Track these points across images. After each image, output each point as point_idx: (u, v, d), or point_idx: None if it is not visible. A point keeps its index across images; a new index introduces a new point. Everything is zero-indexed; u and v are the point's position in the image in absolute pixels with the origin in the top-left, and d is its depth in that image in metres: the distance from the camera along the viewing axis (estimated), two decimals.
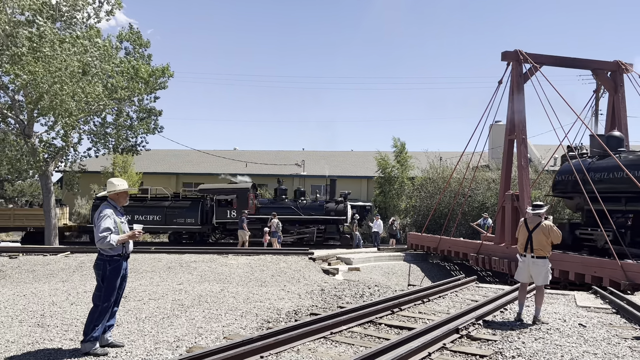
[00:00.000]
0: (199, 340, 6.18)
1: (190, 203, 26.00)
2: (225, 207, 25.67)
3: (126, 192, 6.03)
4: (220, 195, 26.23)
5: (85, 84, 19.73)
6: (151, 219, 25.05)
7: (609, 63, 17.52)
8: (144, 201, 26.43)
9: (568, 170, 15.84)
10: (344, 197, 26.49)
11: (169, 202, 26.02)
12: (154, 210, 25.36)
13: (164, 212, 25.27)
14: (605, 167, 14.39)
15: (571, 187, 15.68)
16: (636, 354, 5.88)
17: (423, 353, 5.55)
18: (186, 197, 27.78)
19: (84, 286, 9.99)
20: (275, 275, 11.91)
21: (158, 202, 26.29)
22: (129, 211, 25.58)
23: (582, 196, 14.33)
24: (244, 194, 25.85)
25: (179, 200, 26.40)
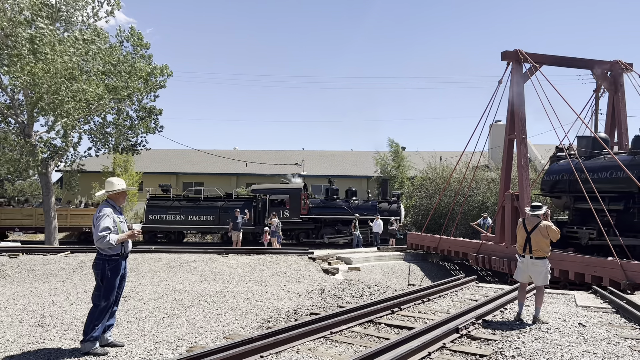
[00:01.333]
0: (199, 339, 6.19)
1: (243, 203, 26.03)
2: (277, 207, 25.64)
3: (125, 191, 6.03)
4: (273, 195, 26.25)
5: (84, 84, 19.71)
6: (205, 219, 25.17)
7: (609, 63, 17.51)
8: (197, 201, 26.53)
9: (556, 170, 16.40)
10: (397, 197, 26.33)
11: (222, 203, 26.15)
12: (207, 210, 25.47)
13: (218, 212, 25.33)
14: (591, 168, 14.70)
15: (558, 187, 16.13)
16: (636, 353, 5.88)
17: (423, 353, 5.55)
18: (238, 197, 27.84)
19: (83, 286, 9.99)
20: (275, 275, 11.92)
21: (211, 202, 26.42)
22: (183, 211, 25.93)
23: (569, 195, 14.93)
24: (296, 194, 25.87)
25: (231, 200, 26.52)
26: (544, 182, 17.10)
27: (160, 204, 26.70)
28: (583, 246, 14.67)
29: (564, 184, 15.74)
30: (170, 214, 25.78)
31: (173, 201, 26.82)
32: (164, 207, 26.37)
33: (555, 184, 16.42)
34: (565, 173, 15.74)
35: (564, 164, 16.15)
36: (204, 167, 41.75)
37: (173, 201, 26.82)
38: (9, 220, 26.77)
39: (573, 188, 15.19)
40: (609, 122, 17.68)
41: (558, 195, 16.13)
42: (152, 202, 27.09)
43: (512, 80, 16.87)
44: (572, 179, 15.16)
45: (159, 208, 26.40)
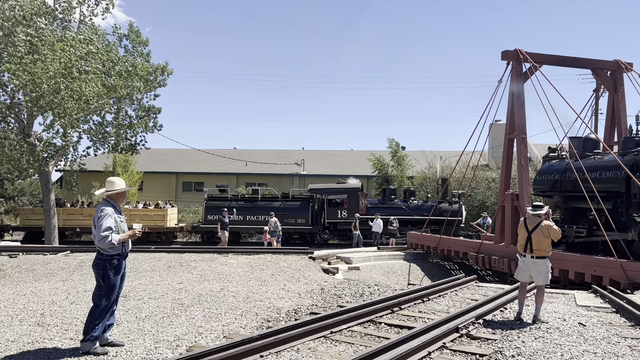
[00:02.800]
0: (199, 339, 6.19)
1: (300, 203, 26.02)
2: (336, 207, 25.58)
3: (125, 191, 6.03)
4: (331, 195, 26.13)
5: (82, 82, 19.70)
6: (262, 219, 25.04)
7: (608, 62, 17.50)
8: (255, 202, 26.55)
9: (547, 170, 16.70)
10: (458, 197, 25.86)
11: (279, 203, 26.16)
12: (265, 211, 25.37)
13: (275, 212, 25.21)
14: (581, 168, 14.88)
15: (550, 187, 16.36)
16: (636, 353, 5.88)
17: (423, 352, 5.55)
18: (294, 197, 27.72)
19: (83, 285, 9.98)
20: (275, 275, 11.92)
21: (269, 202, 26.46)
22: (241, 211, 25.90)
23: (560, 195, 15.28)
24: (354, 194, 25.77)
25: (288, 200, 26.47)
26: (536, 182, 17.37)
27: (218, 204, 26.71)
28: (570, 244, 15.07)
29: (555, 183, 16.10)
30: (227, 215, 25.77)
31: (231, 201, 26.85)
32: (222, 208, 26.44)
33: (546, 184, 16.65)
34: (556, 173, 16.16)
35: (555, 164, 16.68)
36: (204, 166, 41.77)
37: (231, 201, 26.85)
38: (71, 221, 26.63)
39: (564, 188, 15.64)
40: (609, 122, 17.67)
41: (550, 195, 16.30)
42: (210, 203, 27.14)
43: (512, 80, 16.86)
44: (563, 179, 15.68)
45: (217, 208, 26.37)
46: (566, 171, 15.65)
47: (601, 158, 14.94)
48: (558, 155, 17.19)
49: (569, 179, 15.38)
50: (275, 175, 40.23)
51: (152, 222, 26.35)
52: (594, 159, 14.87)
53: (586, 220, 14.95)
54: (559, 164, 16.52)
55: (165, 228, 27.00)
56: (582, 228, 14.68)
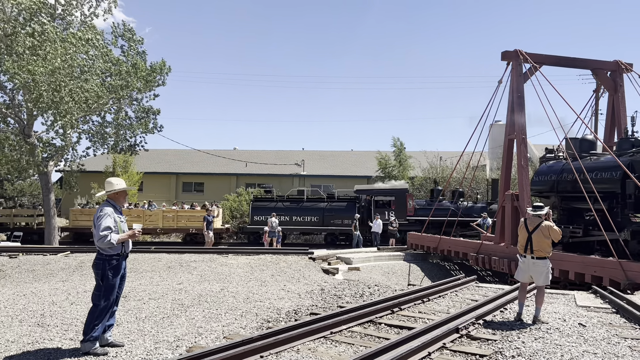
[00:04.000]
0: (199, 339, 6.19)
1: (346, 204, 25.76)
2: (383, 209, 25.28)
3: (125, 191, 6.03)
4: (378, 196, 25.84)
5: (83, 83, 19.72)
6: (308, 220, 24.97)
7: (608, 63, 17.50)
8: (301, 202, 26.43)
9: (544, 171, 16.85)
10: None
11: (325, 204, 25.95)
12: (311, 211, 25.29)
13: (322, 213, 25.06)
14: (577, 169, 15.06)
15: (547, 187, 16.47)
16: (636, 353, 5.88)
17: (423, 353, 5.55)
18: (339, 198, 27.50)
19: (83, 286, 9.98)
20: (275, 275, 11.92)
21: (314, 203, 26.29)
22: (287, 212, 25.75)
23: (557, 195, 15.45)
24: (402, 195, 25.60)
25: (334, 201, 26.26)
26: (533, 183, 17.49)
27: (265, 205, 26.67)
28: (566, 244, 15.24)
29: (551, 184, 16.23)
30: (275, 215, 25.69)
31: (277, 202, 26.80)
32: (269, 209, 26.30)
33: (543, 184, 16.73)
34: (553, 174, 16.34)
35: (552, 164, 16.90)
36: (204, 167, 41.77)
37: (277, 202, 26.80)
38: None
39: (560, 188, 15.82)
40: (609, 123, 17.67)
41: (547, 195, 16.37)
42: (256, 204, 27.12)
43: (512, 80, 16.87)
44: (560, 180, 15.87)
45: (263, 209, 26.33)
46: (563, 172, 15.90)
47: (597, 159, 15.06)
48: (555, 156, 17.43)
49: (565, 180, 15.63)
50: (276, 175, 40.24)
51: (199, 222, 25.98)
52: (590, 159, 14.89)
53: (582, 220, 15.15)
54: (556, 164, 16.73)
55: (218, 229, 26.67)
56: (578, 228, 14.86)
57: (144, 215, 26.34)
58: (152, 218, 26.44)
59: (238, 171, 40.84)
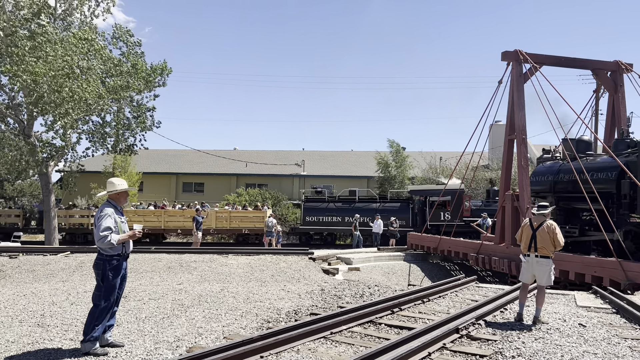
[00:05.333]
0: (199, 340, 6.19)
1: (400, 205, 25.59)
2: (438, 209, 24.97)
3: (126, 191, 6.04)
4: (434, 197, 25.47)
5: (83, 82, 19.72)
6: (361, 221, 24.60)
7: (608, 63, 17.50)
8: (353, 203, 26.30)
9: (541, 171, 16.96)
10: None
11: (378, 204, 25.78)
12: (363, 212, 25.02)
13: (374, 214, 24.75)
14: (572, 170, 15.19)
15: (544, 188, 16.57)
16: (636, 353, 5.88)
17: (423, 353, 5.55)
18: (392, 198, 27.24)
19: (84, 286, 9.99)
20: (275, 275, 11.92)
21: (367, 203, 26.16)
22: (338, 212, 25.55)
23: (554, 196, 15.55)
24: (458, 196, 25.51)
25: (387, 201, 26.08)
26: (530, 183, 17.42)
27: (317, 206, 26.59)
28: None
29: (548, 184, 16.35)
30: (327, 216, 25.61)
31: (329, 203, 26.71)
32: (321, 209, 26.24)
33: (540, 185, 16.80)
34: (550, 174, 16.47)
35: (549, 165, 17.05)
36: (204, 167, 41.79)
37: (329, 203, 26.71)
38: (172, 222, 26.42)
39: (557, 188, 15.97)
40: (609, 123, 17.67)
41: (543, 196, 16.42)
42: (308, 204, 27.06)
43: (512, 81, 16.87)
44: (556, 180, 16.04)
45: (315, 210, 26.25)
46: (560, 172, 16.08)
47: (594, 159, 15.14)
48: (552, 156, 17.59)
49: (562, 180, 15.81)
50: (276, 175, 40.26)
51: (251, 223, 26.25)
52: (587, 160, 14.93)
53: (579, 220, 15.29)
54: (553, 165, 16.88)
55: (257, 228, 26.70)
56: (574, 228, 14.98)
57: None
58: (206, 219, 26.38)
59: (238, 171, 40.85)
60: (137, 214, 26.36)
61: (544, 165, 17.34)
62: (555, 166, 16.66)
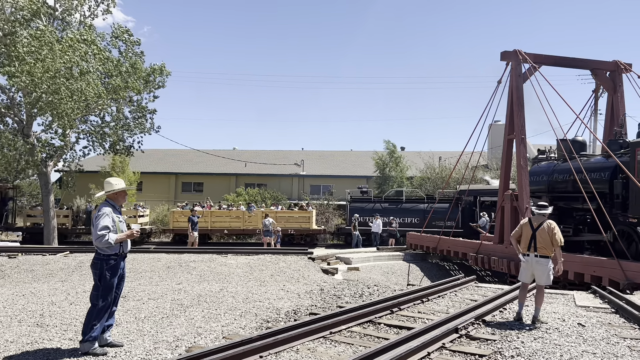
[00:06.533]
0: (198, 340, 6.18)
1: (448, 205, 24.98)
2: (488, 209, 24.67)
3: (124, 191, 6.03)
4: (485, 197, 25.27)
5: (83, 83, 19.70)
6: (409, 222, 24.57)
7: (607, 63, 17.50)
8: (400, 203, 26.11)
9: (536, 171, 17.07)
10: None
11: (426, 205, 25.51)
12: (411, 213, 24.85)
13: (422, 214, 24.52)
14: (567, 170, 15.43)
15: (539, 188, 16.67)
16: (635, 353, 5.88)
17: (422, 353, 5.55)
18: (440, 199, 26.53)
19: (83, 286, 9.98)
20: (274, 275, 11.91)
21: (414, 204, 25.93)
22: (385, 212, 25.22)
23: (548, 196, 15.68)
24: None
25: (435, 201, 25.61)
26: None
27: (363, 206, 26.44)
28: None
29: (543, 184, 16.51)
30: (373, 216, 25.15)
31: (375, 203, 26.56)
32: (367, 210, 26.04)
33: (535, 185, 16.87)
34: (545, 174, 16.64)
35: (544, 165, 17.24)
36: (203, 167, 41.77)
37: (375, 203, 26.56)
38: (219, 223, 26.42)
39: (551, 188, 16.18)
40: (608, 123, 17.67)
41: (538, 196, 16.48)
42: (354, 205, 26.93)
43: (511, 80, 16.88)
44: (551, 180, 16.27)
45: (361, 210, 26.12)
46: (554, 172, 16.27)
47: (587, 160, 15.23)
48: (547, 157, 17.73)
49: (556, 180, 16.02)
50: (275, 175, 40.25)
51: (297, 224, 26.25)
52: (581, 160, 14.98)
53: (572, 220, 15.43)
54: (547, 165, 17.05)
55: (310, 230, 26.64)
56: (568, 227, 15.08)
57: (243, 217, 26.33)
58: (252, 219, 26.49)
59: (237, 171, 40.84)
60: (184, 214, 26.41)
61: (539, 166, 17.46)
62: (550, 166, 16.82)
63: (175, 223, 26.36)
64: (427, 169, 34.49)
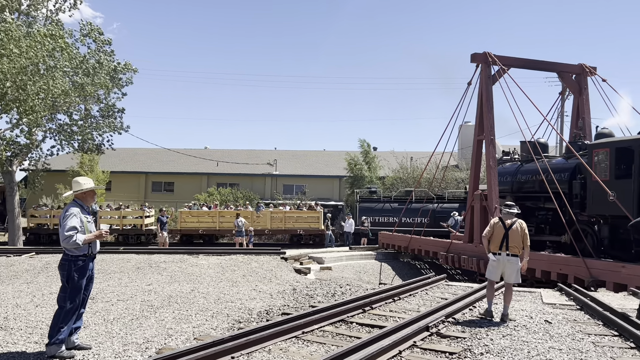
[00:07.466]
0: (169, 341, 6.11)
1: (458, 205, 24.93)
2: None
3: (93, 190, 5.91)
4: None
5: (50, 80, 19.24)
6: (418, 222, 23.97)
7: (573, 66, 17.97)
8: (410, 203, 25.22)
9: (501, 172, 17.49)
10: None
11: (435, 205, 25.09)
12: (420, 213, 24.17)
13: (432, 214, 24.11)
14: (530, 171, 16.15)
15: (503, 188, 17.05)
16: (599, 349, 6.06)
17: (394, 351, 5.60)
18: (449, 199, 26.44)
19: (49, 288, 9.74)
20: (246, 275, 11.85)
21: (424, 204, 25.15)
22: (394, 213, 24.72)
23: (511, 195, 16.13)
24: None
25: (445, 202, 25.36)
26: None
27: (372, 207, 26.09)
28: None
29: (506, 185, 16.98)
30: (383, 216, 24.91)
31: (384, 203, 26.17)
32: (377, 210, 25.70)
33: (500, 185, 17.19)
34: (509, 175, 17.20)
35: (508, 166, 17.82)
36: (174, 166, 41.23)
37: (384, 203, 26.17)
38: (227, 223, 25.50)
39: (515, 189, 16.75)
40: (574, 124, 18.15)
41: (503, 195, 16.84)
42: (363, 205, 26.56)
43: (481, 82, 17.18)
44: (514, 180, 16.88)
45: (370, 210, 25.78)
46: (517, 173, 16.87)
47: (549, 161, 15.65)
48: (511, 158, 18.29)
49: (519, 180, 16.63)
50: (247, 175, 40.01)
51: (306, 224, 25.97)
52: (543, 162, 15.38)
53: (535, 219, 15.92)
54: (511, 166, 17.60)
55: (319, 230, 26.20)
56: (531, 226, 15.44)
57: (252, 217, 25.90)
58: (260, 219, 26.09)
59: (209, 170, 40.44)
60: (191, 215, 25.98)
61: (503, 167, 17.90)
62: (514, 167, 17.36)
63: (183, 224, 25.84)
64: (400, 169, 34.78)
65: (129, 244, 24.37)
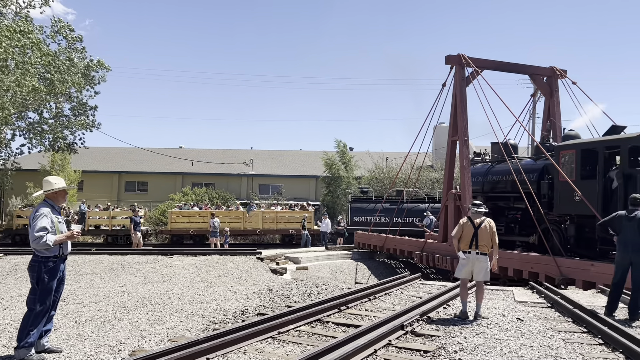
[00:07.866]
0: (143, 343, 6.03)
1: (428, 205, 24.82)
2: None
3: (64, 190, 5.79)
4: None
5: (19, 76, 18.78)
6: (410, 222, 23.76)
7: (544, 69, 18.35)
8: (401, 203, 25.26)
9: (472, 172, 17.76)
10: None
11: (427, 205, 24.97)
12: (412, 213, 24.07)
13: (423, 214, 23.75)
14: (500, 171, 16.60)
15: (474, 188, 17.36)
16: (569, 345, 6.20)
17: (369, 350, 5.63)
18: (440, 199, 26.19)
19: (18, 290, 9.51)
20: (222, 276, 11.77)
21: (416, 204, 25.18)
22: (387, 213, 24.19)
23: (483, 195, 16.55)
24: None
25: (436, 201, 25.07)
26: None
27: (364, 207, 25.92)
28: None
29: (478, 185, 17.30)
30: (375, 216, 24.58)
31: (376, 203, 25.88)
32: (369, 210, 25.48)
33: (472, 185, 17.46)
34: (480, 175, 17.52)
35: (479, 167, 18.13)
36: (147, 165, 40.65)
37: (376, 203, 25.88)
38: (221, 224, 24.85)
39: (486, 189, 17.10)
40: (545, 126, 18.54)
41: (474, 196, 17.12)
42: (355, 205, 26.35)
43: (455, 84, 17.41)
44: (485, 181, 17.22)
45: (363, 210, 25.58)
46: (488, 174, 17.22)
47: (520, 161, 15.98)
48: (482, 159, 18.63)
49: (490, 181, 16.99)
50: (223, 175, 39.71)
51: (298, 224, 25.79)
52: (512, 163, 15.69)
53: (505, 219, 16.29)
54: (482, 167, 17.94)
55: (311, 230, 26.00)
56: (501, 226, 15.70)
57: (243, 217, 25.43)
58: (252, 220, 25.79)
59: (184, 170, 40.02)
60: (182, 215, 25.49)
61: (474, 167, 18.17)
62: (484, 168, 17.69)
63: (173, 224, 25.51)
64: (376, 169, 34.98)
65: (119, 245, 24.03)
